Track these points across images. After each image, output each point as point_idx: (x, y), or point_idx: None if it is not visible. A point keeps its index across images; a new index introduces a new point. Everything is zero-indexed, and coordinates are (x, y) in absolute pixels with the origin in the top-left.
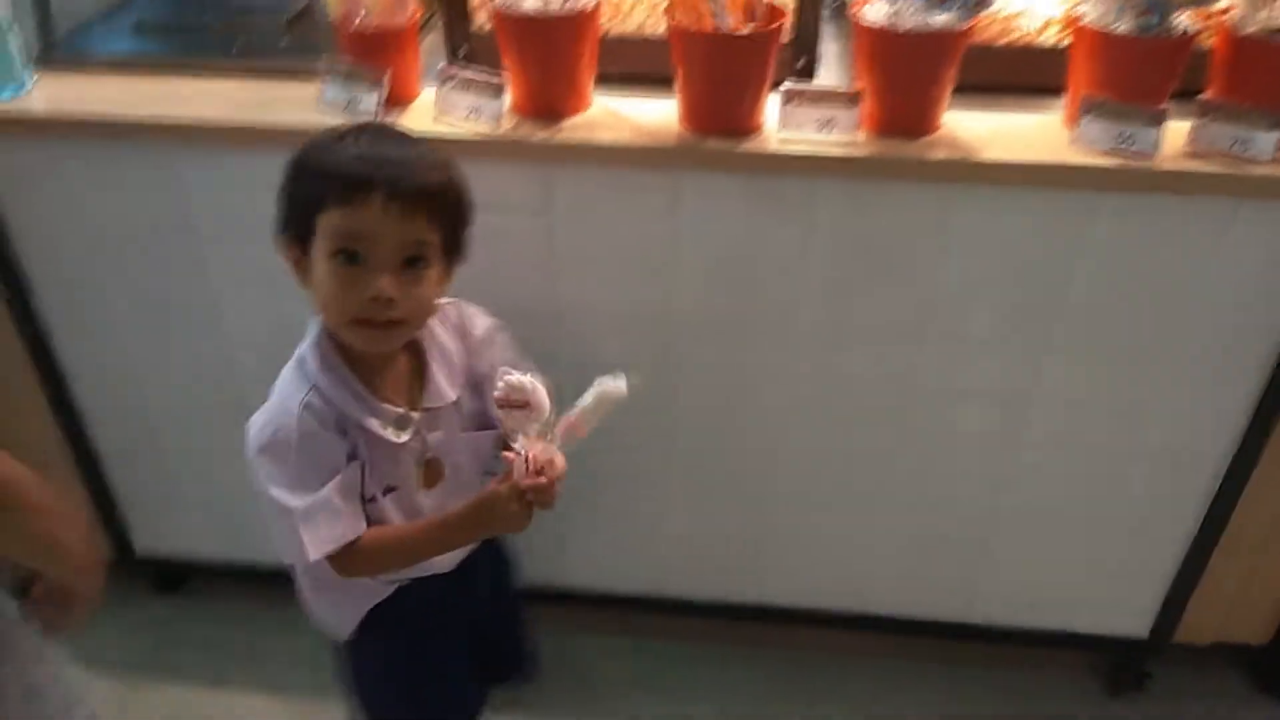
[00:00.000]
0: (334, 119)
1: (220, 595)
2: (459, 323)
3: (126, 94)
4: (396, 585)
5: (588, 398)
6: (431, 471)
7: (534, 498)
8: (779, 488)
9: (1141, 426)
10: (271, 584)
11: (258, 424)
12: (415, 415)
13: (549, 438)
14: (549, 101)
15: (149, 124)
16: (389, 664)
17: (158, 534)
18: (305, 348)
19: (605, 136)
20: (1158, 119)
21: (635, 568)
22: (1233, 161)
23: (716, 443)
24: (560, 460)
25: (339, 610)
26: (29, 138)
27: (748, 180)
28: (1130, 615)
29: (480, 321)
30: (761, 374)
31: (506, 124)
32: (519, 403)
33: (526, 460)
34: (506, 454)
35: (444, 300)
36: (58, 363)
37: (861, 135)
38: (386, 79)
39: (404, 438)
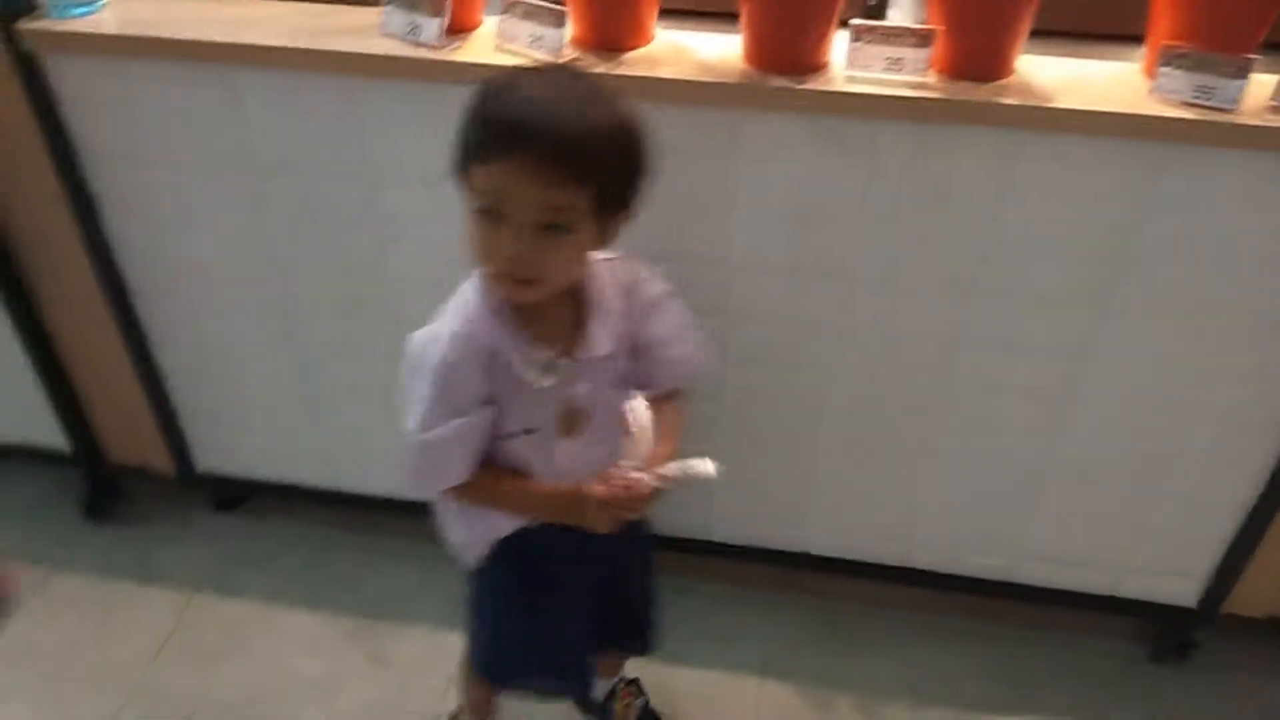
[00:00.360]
0: (395, 46)
1: (277, 516)
2: (630, 282)
3: (194, 15)
4: (524, 525)
5: (674, 467)
6: (571, 421)
7: (617, 509)
8: (827, 436)
9: (1205, 388)
10: (326, 507)
11: (414, 341)
12: (564, 363)
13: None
14: (610, 34)
15: (212, 46)
16: (509, 599)
17: (219, 453)
18: (472, 280)
19: (666, 72)
20: (1242, 70)
21: (683, 512)
22: None
23: (766, 388)
24: (647, 488)
25: (468, 533)
26: (99, 56)
27: (810, 121)
28: (1180, 582)
29: (652, 287)
30: (815, 320)
31: (567, 55)
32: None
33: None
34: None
35: (616, 256)
36: (124, 281)
37: (931, 77)
38: (448, 6)
39: (547, 383)
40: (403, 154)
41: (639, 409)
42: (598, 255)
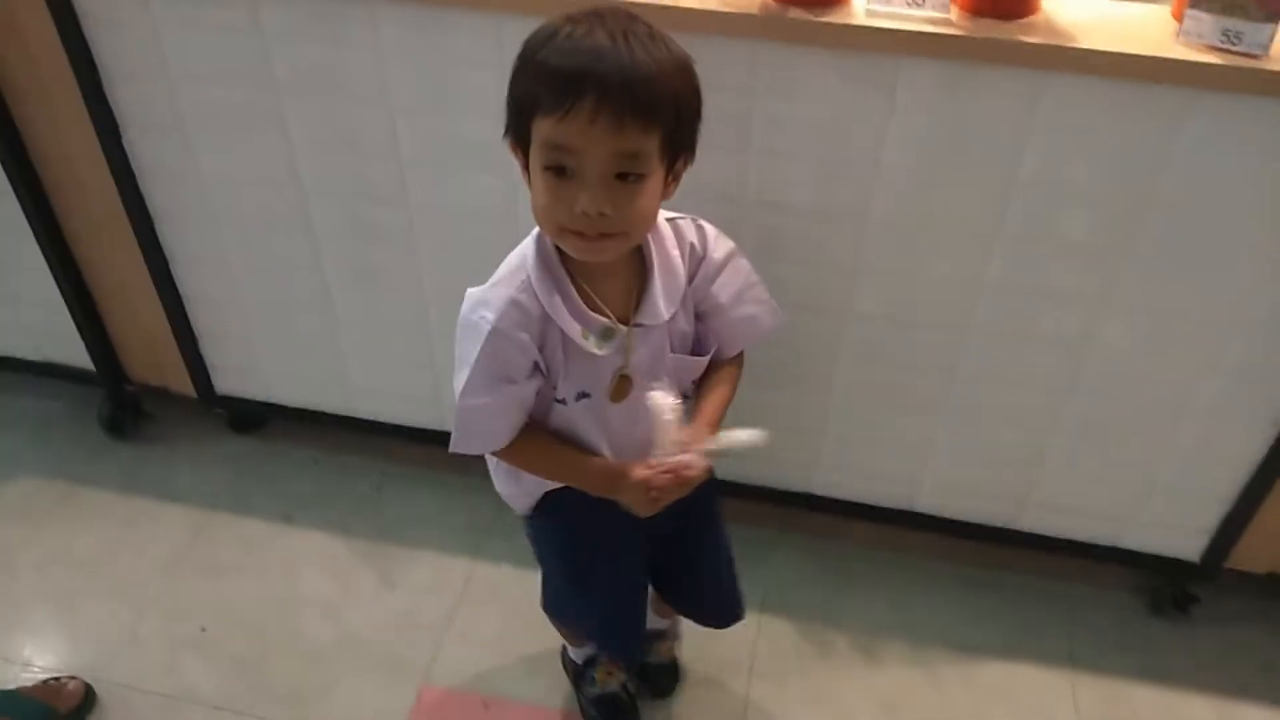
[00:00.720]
0: None
1: (293, 438)
2: (695, 242)
3: None
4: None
5: (722, 439)
6: (627, 386)
7: (657, 494)
8: (840, 378)
9: (1220, 340)
10: (341, 430)
11: (469, 298)
12: (622, 329)
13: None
14: None
15: None
16: (557, 550)
17: (238, 376)
18: (530, 239)
19: (684, 1)
20: (1273, 14)
21: None
22: None
23: (777, 332)
24: (697, 469)
25: (515, 487)
26: None
27: (829, 56)
28: (1184, 536)
29: (719, 245)
30: (831, 260)
31: None
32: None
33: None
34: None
35: (680, 216)
36: (148, 204)
37: (954, 13)
38: None
39: (604, 350)
40: (423, 80)
41: (660, 398)
42: (660, 213)
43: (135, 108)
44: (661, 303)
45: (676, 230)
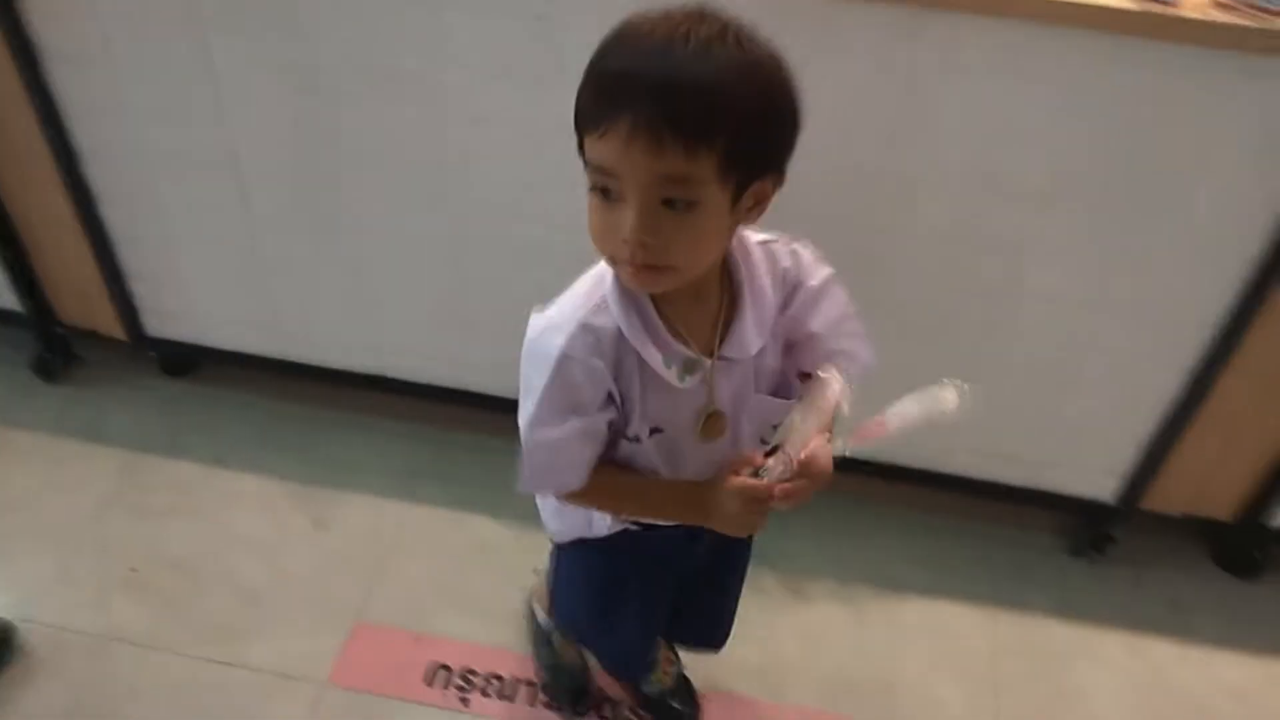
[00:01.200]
0: None
1: (227, 382)
2: (789, 267)
3: None
4: (622, 529)
5: (911, 404)
6: (709, 424)
7: (779, 505)
8: None
9: (1135, 284)
10: (277, 376)
11: (536, 323)
12: (706, 362)
13: (830, 438)
14: None
15: None
16: (589, 580)
17: (169, 319)
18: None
19: None
20: None
21: None
22: (1257, 15)
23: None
24: (826, 460)
25: (559, 523)
26: None
27: None
28: (1100, 479)
29: (816, 271)
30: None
31: None
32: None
33: (790, 462)
34: (755, 455)
35: (775, 238)
36: (71, 141)
37: None
38: None
39: (686, 383)
40: (351, 14)
41: (831, 375)
42: (751, 235)
43: (55, 37)
44: (751, 335)
45: (769, 255)
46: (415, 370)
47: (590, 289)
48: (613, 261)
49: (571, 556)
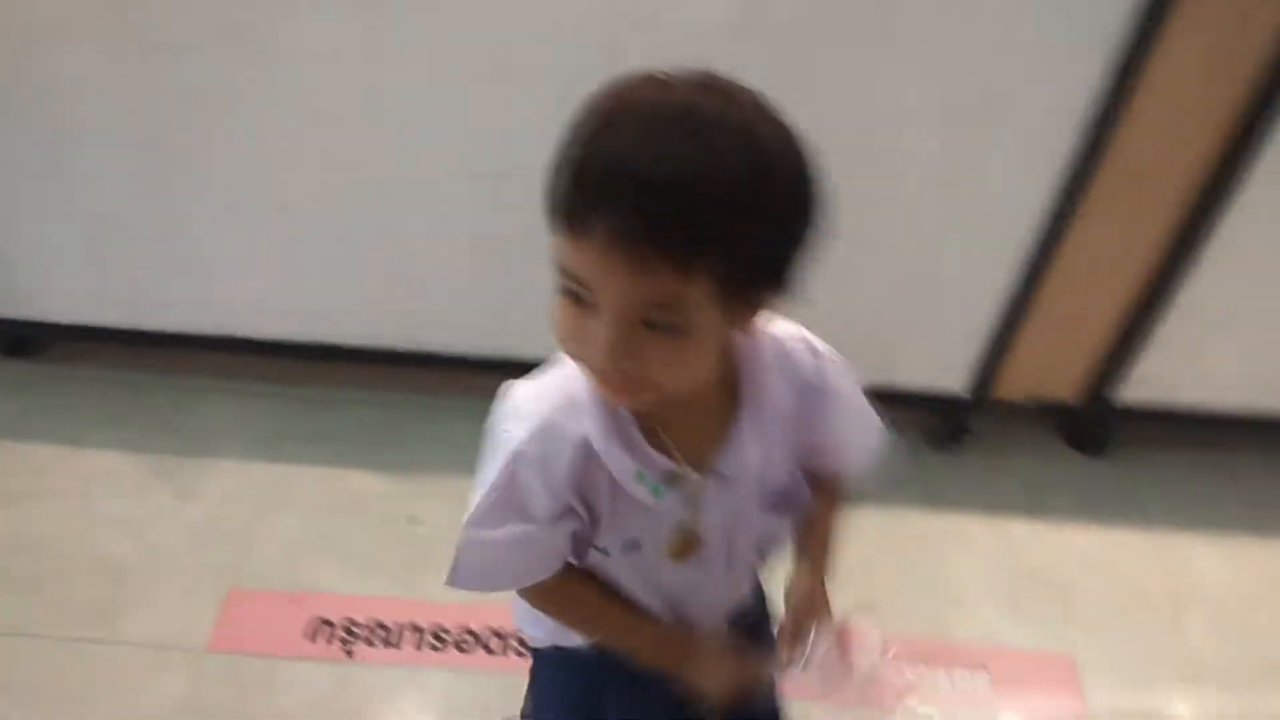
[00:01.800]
0: None
1: (76, 359)
2: (808, 368)
3: None
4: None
5: (865, 656)
6: (689, 543)
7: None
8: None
9: (958, 183)
10: (125, 347)
11: (506, 400)
12: (693, 478)
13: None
14: None
15: None
16: (568, 702)
17: (4, 296)
18: None
19: None
20: None
21: None
22: None
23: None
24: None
25: (532, 626)
26: None
27: None
28: (951, 372)
29: (836, 370)
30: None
31: None
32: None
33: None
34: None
35: (787, 332)
36: None
37: None
38: None
39: (663, 499)
40: None
41: (869, 630)
42: (762, 326)
43: None
44: (751, 450)
45: (783, 351)
46: (269, 329)
47: (566, 377)
48: (581, 369)
49: (549, 666)
